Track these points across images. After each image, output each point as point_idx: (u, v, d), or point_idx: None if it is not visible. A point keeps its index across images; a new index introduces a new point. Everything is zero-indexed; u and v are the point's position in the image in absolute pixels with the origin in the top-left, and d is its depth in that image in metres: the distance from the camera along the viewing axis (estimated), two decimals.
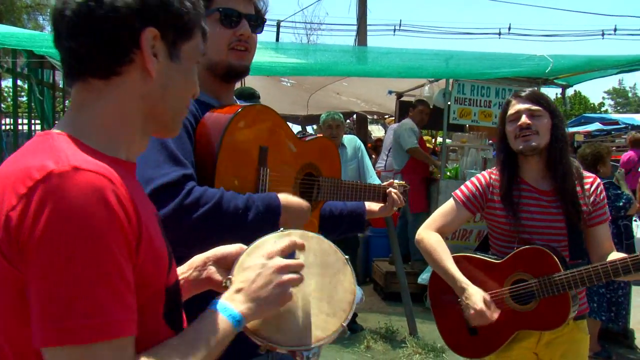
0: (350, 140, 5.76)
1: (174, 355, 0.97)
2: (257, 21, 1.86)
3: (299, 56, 6.46)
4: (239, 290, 1.10)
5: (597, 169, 4.93)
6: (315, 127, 12.41)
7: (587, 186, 2.48)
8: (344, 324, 1.22)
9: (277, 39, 17.47)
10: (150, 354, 0.95)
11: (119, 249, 0.90)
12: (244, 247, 1.25)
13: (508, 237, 2.48)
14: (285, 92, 10.87)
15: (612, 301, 4.93)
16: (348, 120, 12.56)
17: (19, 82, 9.34)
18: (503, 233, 2.50)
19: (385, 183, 2.38)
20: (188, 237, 1.52)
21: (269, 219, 1.67)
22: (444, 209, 2.63)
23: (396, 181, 2.45)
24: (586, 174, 2.54)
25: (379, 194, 2.32)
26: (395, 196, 2.33)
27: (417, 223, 2.68)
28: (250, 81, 9.32)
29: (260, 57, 5.70)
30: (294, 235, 1.24)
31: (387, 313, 6.17)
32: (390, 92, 8.81)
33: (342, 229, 2.28)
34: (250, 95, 4.81)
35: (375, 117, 12.66)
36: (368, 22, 13.01)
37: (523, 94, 2.50)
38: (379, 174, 8.51)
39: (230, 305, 1.07)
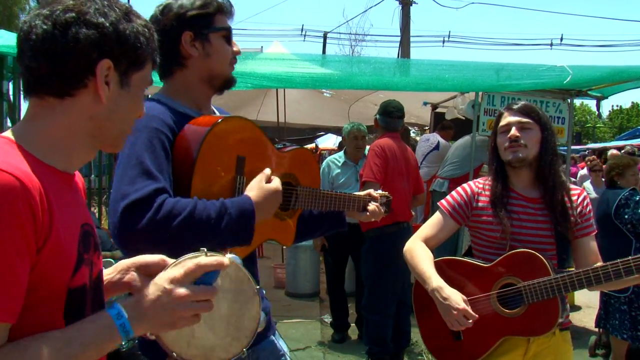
0: None
1: (44, 347, 1.04)
2: None
3: (342, 69, 6.49)
4: (138, 304, 1.16)
5: (615, 180, 4.83)
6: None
7: (574, 197, 2.50)
8: (245, 349, 1.35)
9: (324, 51, 17.69)
10: (17, 343, 1.04)
11: (14, 244, 1.00)
12: (166, 258, 1.35)
13: (498, 245, 2.48)
14: (326, 103, 10.96)
15: (637, 319, 4.76)
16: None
17: None
18: (491, 241, 2.51)
19: (363, 193, 2.42)
20: (165, 247, 1.60)
21: (243, 224, 1.76)
22: (431, 220, 2.66)
23: (378, 192, 2.47)
24: (573, 186, 2.57)
25: (359, 205, 2.37)
26: (375, 208, 2.39)
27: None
28: (292, 91, 9.51)
29: (305, 69, 5.82)
30: (213, 259, 1.29)
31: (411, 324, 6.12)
32: (425, 104, 8.79)
33: (325, 226, 2.39)
34: (402, 115, 5.03)
35: (415, 128, 12.60)
36: (415, 34, 13.06)
37: (515, 106, 2.53)
38: None
39: (127, 316, 1.13)
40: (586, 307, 6.81)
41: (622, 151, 10.97)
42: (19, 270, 1.01)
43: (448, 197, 2.65)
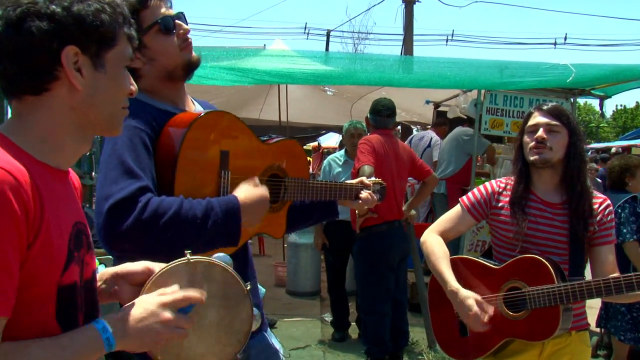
0: None
1: (42, 351, 1.05)
2: (183, 17, 1.92)
3: (344, 65, 6.47)
4: (124, 321, 1.18)
5: (626, 182, 4.76)
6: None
7: (595, 206, 2.47)
8: (239, 355, 1.32)
9: (327, 48, 17.66)
10: (17, 344, 1.03)
11: (7, 237, 0.99)
12: (150, 265, 1.33)
13: (510, 245, 2.50)
14: (328, 101, 10.93)
15: (638, 320, 4.71)
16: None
17: None
18: (505, 241, 2.53)
19: (355, 180, 2.40)
20: (151, 247, 1.59)
21: (229, 224, 1.73)
22: (450, 214, 2.71)
23: (371, 179, 2.45)
24: (597, 194, 2.54)
25: (352, 193, 2.34)
26: (368, 196, 2.36)
27: None
28: (295, 89, 9.46)
29: (307, 65, 5.83)
30: (200, 266, 1.29)
31: (411, 324, 6.08)
32: (427, 102, 8.76)
33: (316, 216, 2.37)
34: (391, 114, 4.95)
35: (418, 127, 12.56)
36: (419, 32, 13.04)
37: (545, 107, 2.51)
38: (412, 186, 8.45)
39: (112, 331, 1.15)
40: (588, 307, 6.73)
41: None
42: (12, 263, 1.00)
43: (469, 193, 2.68)
